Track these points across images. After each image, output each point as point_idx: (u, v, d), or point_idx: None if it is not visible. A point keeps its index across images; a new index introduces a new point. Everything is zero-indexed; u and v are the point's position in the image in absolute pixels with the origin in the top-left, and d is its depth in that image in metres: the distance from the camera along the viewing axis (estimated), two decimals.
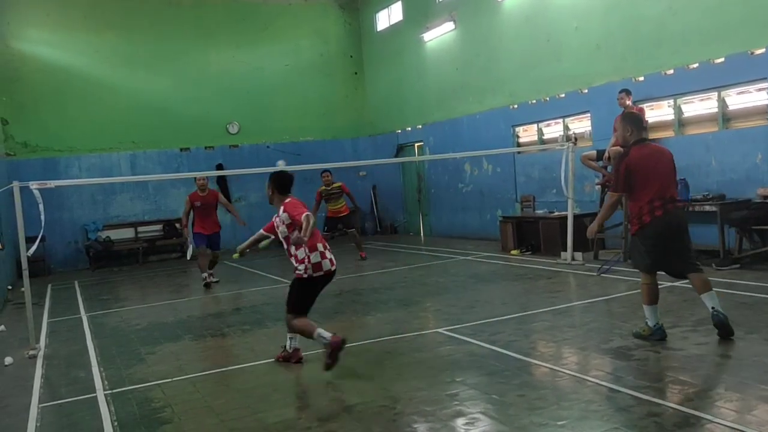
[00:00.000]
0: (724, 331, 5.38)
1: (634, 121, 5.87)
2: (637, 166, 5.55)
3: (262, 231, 6.26)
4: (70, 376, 6.20)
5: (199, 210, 11.09)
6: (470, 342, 6.14)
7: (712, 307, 5.40)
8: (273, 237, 6.13)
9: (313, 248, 5.65)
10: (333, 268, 5.76)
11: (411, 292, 9.32)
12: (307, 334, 5.62)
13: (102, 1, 16.66)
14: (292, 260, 5.74)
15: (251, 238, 6.41)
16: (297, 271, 5.68)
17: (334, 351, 5.35)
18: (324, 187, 13.33)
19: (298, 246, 5.60)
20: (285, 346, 6.02)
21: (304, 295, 5.74)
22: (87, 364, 6.59)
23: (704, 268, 8.44)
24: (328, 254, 5.75)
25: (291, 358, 5.95)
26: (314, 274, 5.64)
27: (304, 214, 5.46)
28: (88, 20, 16.49)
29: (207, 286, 11.03)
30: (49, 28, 16.19)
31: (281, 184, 5.97)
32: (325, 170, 13.38)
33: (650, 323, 5.61)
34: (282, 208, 5.81)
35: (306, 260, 5.62)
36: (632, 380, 4.69)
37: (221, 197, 11.66)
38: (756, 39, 8.97)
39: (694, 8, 9.79)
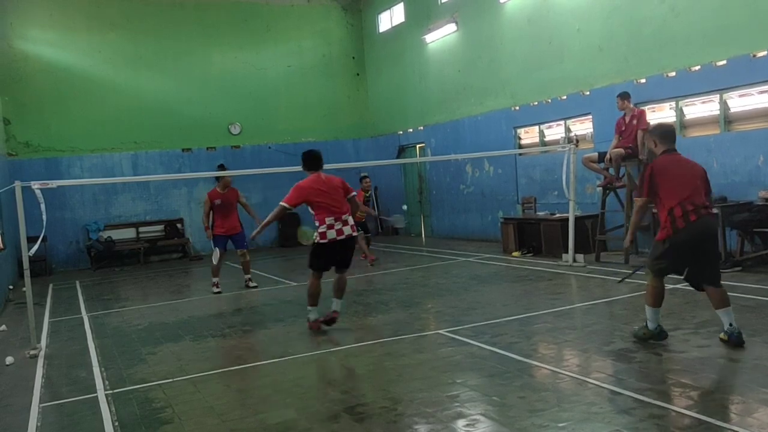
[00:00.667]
0: (739, 347, 5.27)
1: (660, 133, 5.71)
2: (662, 170, 5.45)
3: None
4: (71, 376, 6.20)
5: (218, 208, 10.65)
6: (471, 343, 6.14)
7: (730, 324, 5.28)
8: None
9: (321, 221, 7.05)
10: (339, 237, 7.01)
11: (412, 293, 9.32)
12: (310, 298, 7.24)
13: (105, 2, 16.69)
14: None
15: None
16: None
17: (325, 322, 7.14)
18: (363, 192, 13.11)
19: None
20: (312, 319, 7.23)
21: (315, 256, 7.19)
22: (88, 364, 6.60)
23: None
24: (337, 225, 7.02)
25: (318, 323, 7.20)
26: (320, 241, 7.06)
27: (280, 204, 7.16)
28: (91, 21, 16.52)
29: (218, 293, 10.54)
30: (52, 28, 16.21)
31: (303, 160, 7.40)
32: (366, 175, 13.35)
33: (651, 326, 5.59)
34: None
35: (323, 230, 7.05)
36: (634, 382, 4.68)
37: (242, 197, 11.17)
38: (758, 42, 8.96)
39: (696, 10, 9.78)
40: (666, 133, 5.72)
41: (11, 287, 12.23)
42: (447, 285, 9.75)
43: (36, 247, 7.46)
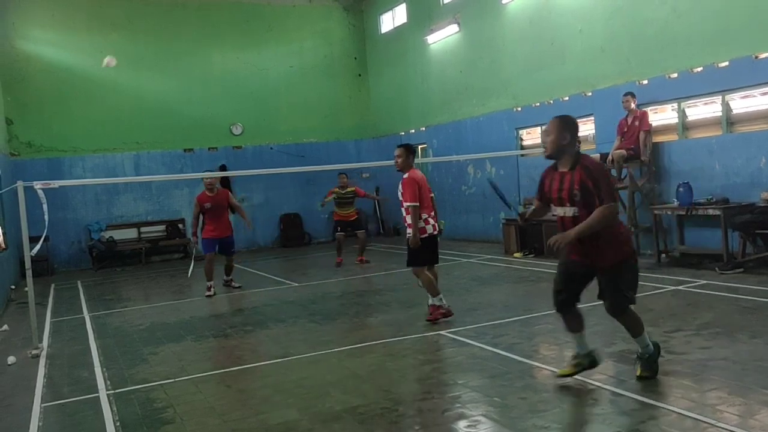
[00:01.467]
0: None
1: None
2: None
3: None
4: (73, 376, 6.21)
5: (209, 212, 10.38)
6: (472, 344, 6.14)
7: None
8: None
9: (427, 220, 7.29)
10: (434, 232, 7.28)
11: (413, 294, 9.30)
12: (430, 288, 7.25)
13: (107, 3, 16.71)
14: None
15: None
16: (408, 234, 7.22)
17: (438, 317, 7.18)
18: (338, 189, 13.04)
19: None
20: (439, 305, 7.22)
21: (415, 252, 7.23)
22: (89, 364, 6.60)
23: (707, 273, 8.45)
24: (431, 221, 7.28)
25: (440, 315, 7.18)
26: (421, 236, 7.16)
27: (408, 204, 7.14)
28: (93, 21, 16.53)
29: (210, 295, 10.30)
30: (54, 28, 16.23)
31: (410, 151, 7.62)
32: (342, 172, 13.12)
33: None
34: (403, 179, 7.33)
35: (422, 224, 7.22)
36: (635, 384, 4.67)
37: (232, 198, 10.93)
38: (760, 43, 8.95)
39: (698, 12, 9.78)
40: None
41: (13, 287, 12.25)
42: (448, 286, 9.73)
43: (38, 247, 7.46)
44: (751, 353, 5.19)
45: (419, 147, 17.62)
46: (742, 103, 9.53)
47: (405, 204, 7.12)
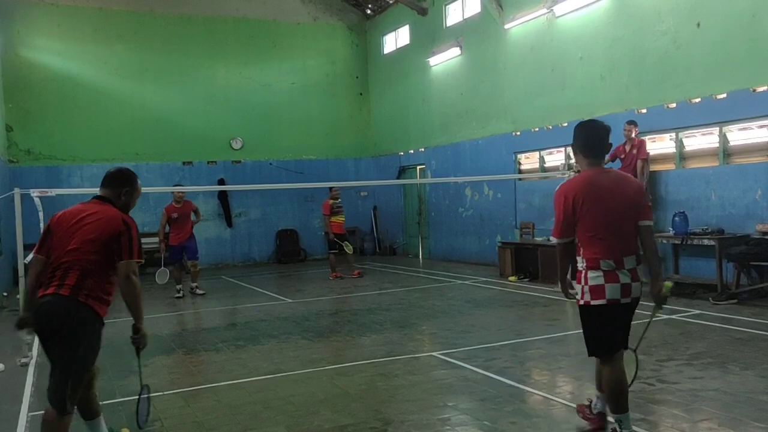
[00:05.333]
0: None
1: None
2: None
3: None
4: None
5: (175, 221, 11.67)
6: (464, 367, 6.12)
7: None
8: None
9: (592, 262, 3.98)
10: (628, 298, 4.08)
11: (407, 314, 9.29)
12: (616, 401, 4.07)
13: (113, 14, 16.83)
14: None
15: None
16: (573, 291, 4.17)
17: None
18: (332, 201, 13.56)
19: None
20: (590, 403, 4.52)
21: (590, 328, 4.11)
22: None
23: (701, 302, 8.44)
24: (624, 276, 4.01)
25: (592, 423, 4.42)
26: (592, 302, 3.96)
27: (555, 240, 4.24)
28: (99, 32, 16.63)
29: (180, 297, 11.58)
30: (58, 38, 16.32)
31: (582, 137, 4.34)
32: (333, 187, 13.80)
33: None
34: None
35: (582, 277, 4.06)
36: None
37: (194, 205, 12.24)
38: (758, 77, 9.04)
39: (698, 44, 9.88)
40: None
41: (5, 294, 12.17)
42: (442, 307, 9.73)
43: (32, 254, 7.43)
44: (742, 384, 5.17)
45: (417, 168, 17.71)
46: (740, 135, 9.60)
47: (553, 239, 4.24)
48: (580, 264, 4.07)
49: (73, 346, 3.86)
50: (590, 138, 4.32)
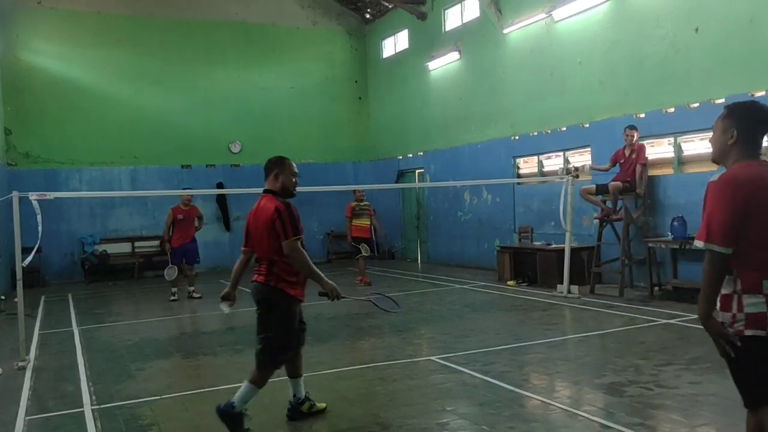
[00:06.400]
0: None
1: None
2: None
3: None
4: (59, 390, 6.15)
5: (180, 223, 11.84)
6: (463, 371, 6.11)
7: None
8: None
9: (752, 284, 2.94)
10: None
11: (406, 318, 9.28)
12: None
13: (112, 18, 16.84)
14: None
15: None
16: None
17: None
18: (354, 203, 13.32)
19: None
20: None
21: (745, 367, 3.02)
22: (76, 378, 6.54)
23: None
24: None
25: None
26: (746, 332, 2.93)
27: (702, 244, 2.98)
28: (98, 36, 16.64)
29: (175, 300, 11.76)
30: (58, 41, 16.33)
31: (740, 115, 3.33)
32: (357, 190, 13.64)
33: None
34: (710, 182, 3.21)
35: (734, 303, 2.98)
36: (624, 417, 4.65)
37: (200, 212, 12.47)
38: (756, 82, 9.05)
39: (696, 49, 9.90)
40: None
41: (3, 297, 12.16)
42: (441, 311, 9.72)
43: (30, 258, 7.43)
44: None
45: (416, 172, 17.71)
46: None
47: (698, 242, 3.00)
48: (731, 285, 2.97)
49: (266, 322, 4.70)
50: (762, 123, 3.27)
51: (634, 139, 10.27)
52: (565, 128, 12.50)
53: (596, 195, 10.63)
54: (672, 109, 10.32)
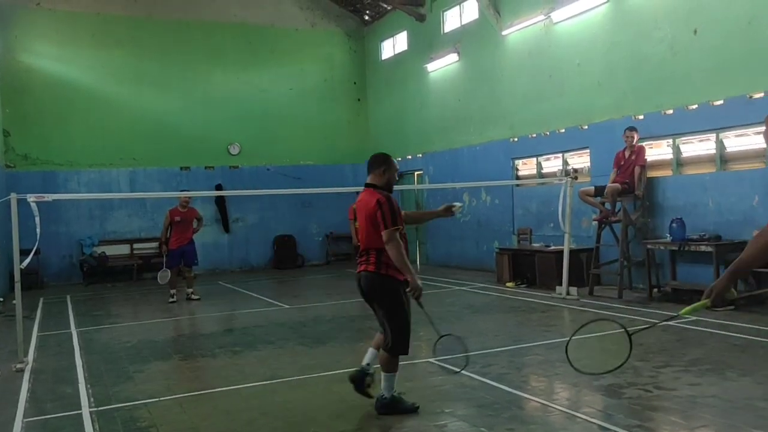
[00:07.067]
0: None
1: None
2: None
3: None
4: (57, 392, 6.13)
5: (177, 225, 11.76)
6: (461, 373, 6.09)
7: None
8: None
9: None
10: None
11: None
12: None
13: (111, 20, 16.83)
14: None
15: None
16: None
17: None
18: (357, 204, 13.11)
19: None
20: None
21: None
22: (74, 380, 6.53)
23: None
24: None
25: None
26: None
27: None
28: (97, 37, 16.64)
29: (174, 302, 11.66)
30: (57, 43, 16.32)
31: None
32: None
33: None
34: None
35: None
36: (623, 419, 4.65)
37: (198, 213, 12.35)
38: (755, 83, 9.06)
39: (695, 50, 9.90)
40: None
41: (1, 299, 12.15)
42: (439, 313, 9.70)
43: (28, 259, 7.42)
44: (740, 391, 5.17)
45: (415, 173, 17.71)
46: (736, 141, 9.61)
47: None
48: None
49: (384, 307, 5.05)
50: None
51: (634, 140, 10.28)
52: (563, 130, 12.50)
53: (595, 197, 10.62)
54: (671, 111, 10.33)
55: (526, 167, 13.93)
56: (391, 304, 5.04)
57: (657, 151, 10.76)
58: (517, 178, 14.00)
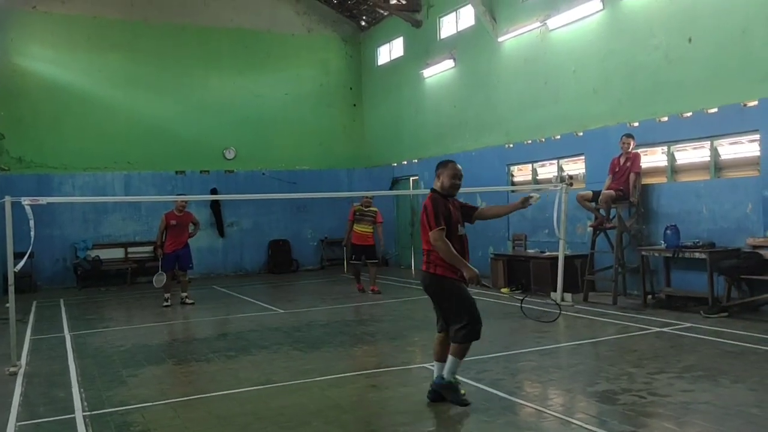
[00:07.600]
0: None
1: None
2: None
3: None
4: (50, 396, 6.11)
5: (173, 228, 11.72)
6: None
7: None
8: None
9: None
10: None
11: (398, 325, 9.28)
12: None
13: (107, 23, 16.83)
14: None
15: None
16: None
17: None
18: (359, 206, 12.84)
19: None
20: None
21: None
22: (67, 384, 6.50)
23: (692, 316, 8.47)
24: None
25: None
26: None
27: None
28: (92, 41, 16.63)
29: (168, 306, 11.62)
30: (52, 46, 16.30)
31: None
32: (367, 196, 13.13)
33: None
34: None
35: None
36: (617, 425, 4.65)
37: (194, 218, 12.26)
38: (749, 92, 9.12)
39: (689, 59, 9.96)
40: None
41: None
42: (434, 319, 9.69)
43: (22, 263, 7.40)
44: (733, 398, 5.18)
45: (411, 179, 17.73)
46: (730, 149, 9.66)
47: None
48: None
49: (443, 302, 5.43)
50: None
51: (631, 147, 10.32)
52: (559, 136, 12.54)
53: (591, 202, 10.65)
54: (665, 118, 10.37)
55: (522, 173, 13.96)
56: (448, 300, 5.38)
57: (651, 158, 10.80)
58: (513, 184, 14.03)
